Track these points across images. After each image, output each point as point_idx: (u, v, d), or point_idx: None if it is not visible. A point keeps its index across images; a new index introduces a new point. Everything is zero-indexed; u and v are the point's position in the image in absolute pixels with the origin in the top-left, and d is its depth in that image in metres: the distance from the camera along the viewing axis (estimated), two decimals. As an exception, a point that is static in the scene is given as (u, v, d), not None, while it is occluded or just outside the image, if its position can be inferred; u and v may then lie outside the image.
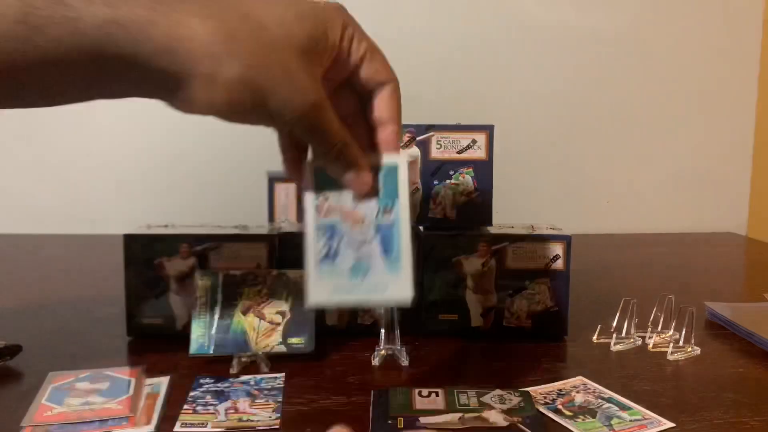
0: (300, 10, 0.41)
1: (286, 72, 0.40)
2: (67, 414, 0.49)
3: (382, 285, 0.46)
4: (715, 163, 1.37)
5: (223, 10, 0.39)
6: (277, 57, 0.39)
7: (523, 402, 0.52)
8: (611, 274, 1.00)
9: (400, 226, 0.47)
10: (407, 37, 1.27)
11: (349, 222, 0.47)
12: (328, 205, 0.47)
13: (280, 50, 0.40)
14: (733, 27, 1.34)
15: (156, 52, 0.38)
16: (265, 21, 0.40)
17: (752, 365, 0.63)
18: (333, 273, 0.46)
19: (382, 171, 0.48)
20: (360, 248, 0.47)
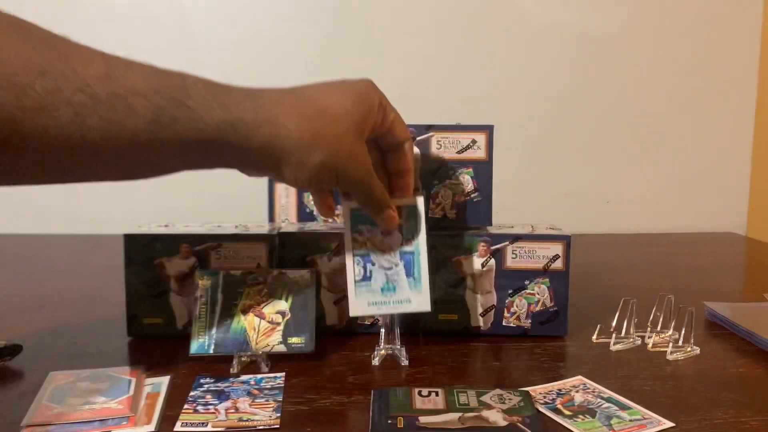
0: (354, 96, 0.53)
1: (351, 153, 0.53)
2: (68, 414, 0.49)
3: (407, 300, 0.60)
4: (715, 163, 1.37)
5: (305, 109, 0.51)
6: (345, 142, 0.52)
7: (523, 402, 0.52)
8: (611, 274, 1.00)
9: (420, 254, 0.61)
10: (407, 38, 1.27)
11: (380, 251, 0.61)
12: (363, 238, 0.61)
13: (346, 135, 0.52)
14: (733, 27, 1.34)
15: (260, 146, 0.49)
16: (335, 113, 0.52)
17: (752, 365, 0.63)
18: (368, 291, 0.60)
19: (406, 210, 0.62)
20: (389, 271, 0.61)
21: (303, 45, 1.25)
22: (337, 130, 0.51)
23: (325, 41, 1.25)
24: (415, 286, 0.60)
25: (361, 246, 0.61)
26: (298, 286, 0.63)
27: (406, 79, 1.25)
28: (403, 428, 0.47)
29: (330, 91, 0.54)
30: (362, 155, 0.54)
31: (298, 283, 0.63)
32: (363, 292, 0.60)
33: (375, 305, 0.60)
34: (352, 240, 0.61)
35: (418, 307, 0.60)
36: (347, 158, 0.52)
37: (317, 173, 0.51)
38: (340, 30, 1.25)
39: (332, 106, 0.52)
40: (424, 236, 0.61)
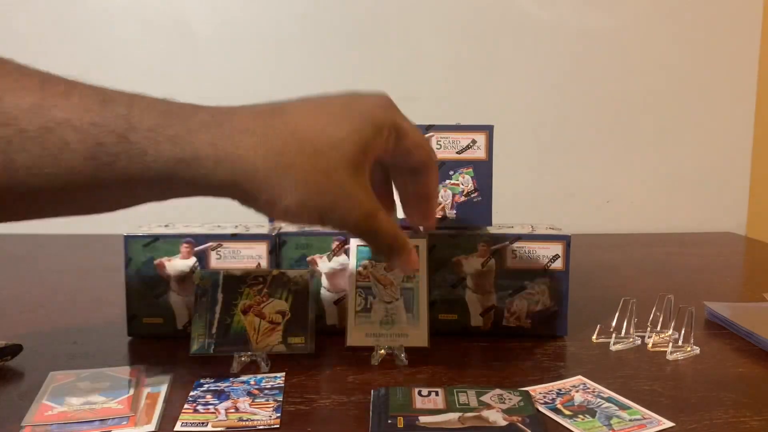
0: (351, 121, 0.44)
1: (341, 192, 0.43)
2: (68, 413, 0.49)
3: (404, 334, 0.62)
4: (715, 163, 1.37)
5: (282, 138, 0.42)
6: (331, 181, 0.43)
7: (523, 401, 0.52)
8: (611, 274, 1.00)
9: (420, 290, 0.63)
10: (407, 37, 1.27)
11: (381, 284, 0.63)
12: (366, 271, 0.63)
13: (333, 172, 0.43)
14: (733, 27, 1.34)
15: (220, 185, 0.43)
16: (320, 145, 0.43)
17: (752, 365, 0.63)
18: (367, 322, 0.62)
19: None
20: (389, 305, 0.63)
21: (303, 45, 1.25)
22: (321, 165, 0.43)
23: (324, 41, 1.25)
24: (413, 322, 0.62)
25: (364, 279, 0.63)
26: (298, 286, 0.63)
27: (406, 79, 1.25)
28: (403, 428, 0.47)
29: (320, 114, 0.45)
30: (359, 196, 0.45)
31: (298, 283, 0.63)
32: (362, 323, 0.62)
33: (373, 337, 0.62)
34: (356, 272, 0.63)
35: (415, 343, 0.62)
36: (335, 200, 0.43)
37: (294, 215, 0.43)
38: (340, 30, 1.25)
39: (318, 136, 0.43)
40: (425, 273, 0.63)
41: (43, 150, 0.39)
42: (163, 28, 1.23)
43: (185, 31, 1.22)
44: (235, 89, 1.24)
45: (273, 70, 1.24)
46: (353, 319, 0.63)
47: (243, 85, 1.24)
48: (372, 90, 0.49)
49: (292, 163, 0.42)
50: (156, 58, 1.22)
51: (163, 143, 0.41)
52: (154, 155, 0.41)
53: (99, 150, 0.40)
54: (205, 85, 1.23)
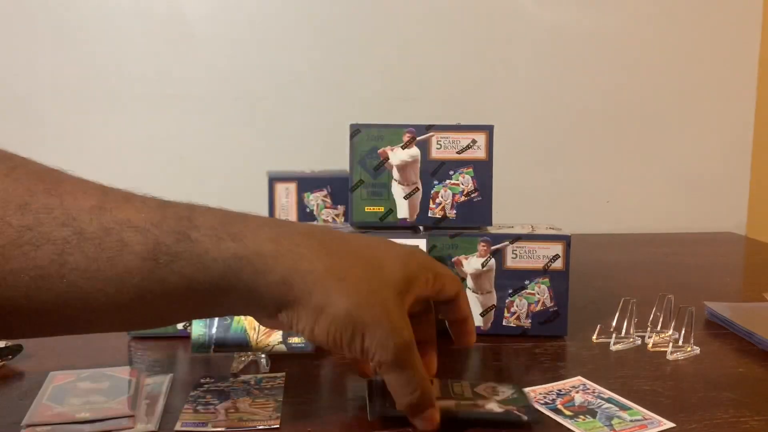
0: (400, 257, 0.46)
1: (385, 312, 0.42)
2: (68, 413, 0.49)
3: None
4: (715, 163, 1.37)
5: (339, 249, 0.43)
6: (379, 297, 0.42)
7: (516, 394, 0.53)
8: (611, 274, 1.00)
9: None
10: (407, 37, 1.27)
11: None
12: None
13: (382, 290, 0.43)
14: (733, 27, 1.34)
15: (275, 282, 0.40)
16: (374, 262, 0.44)
17: (752, 365, 0.63)
18: None
19: None
20: None
21: (302, 45, 1.25)
22: (373, 282, 0.43)
23: (325, 41, 1.25)
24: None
25: None
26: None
27: (407, 78, 1.25)
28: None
29: (374, 242, 0.47)
30: (400, 320, 0.43)
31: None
32: None
33: None
34: None
35: None
36: (380, 317, 0.42)
37: (339, 328, 0.41)
38: (340, 30, 1.25)
39: (373, 257, 0.44)
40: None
41: (100, 251, 0.37)
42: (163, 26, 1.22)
43: (185, 31, 1.22)
44: (235, 89, 1.24)
45: (272, 70, 1.24)
46: None
47: (243, 84, 1.24)
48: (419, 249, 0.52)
49: (347, 271, 0.42)
50: (156, 57, 1.22)
51: (226, 240, 0.40)
52: (215, 254, 0.39)
53: (158, 249, 0.38)
54: (204, 85, 1.23)
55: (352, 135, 0.70)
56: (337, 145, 0.82)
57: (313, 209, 0.83)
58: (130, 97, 1.22)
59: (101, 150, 1.24)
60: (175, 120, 1.23)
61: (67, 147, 1.23)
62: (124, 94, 1.22)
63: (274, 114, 1.24)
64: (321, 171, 0.87)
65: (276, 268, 0.40)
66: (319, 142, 1.19)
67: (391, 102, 1.23)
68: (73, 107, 1.22)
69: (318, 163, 0.91)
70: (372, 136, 0.69)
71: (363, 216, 0.70)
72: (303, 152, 1.22)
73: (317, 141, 1.22)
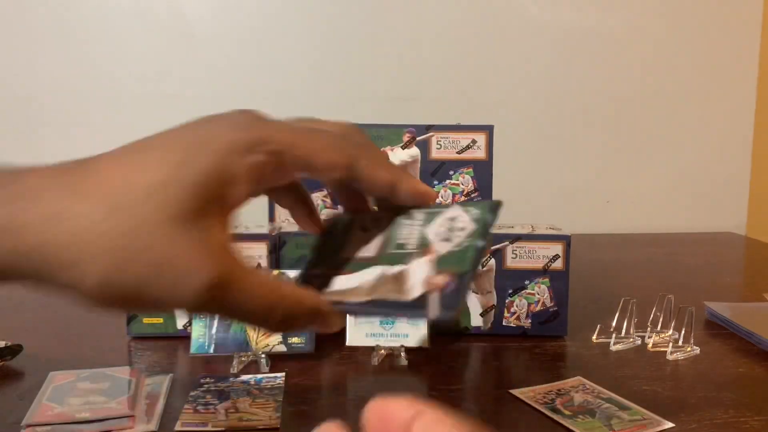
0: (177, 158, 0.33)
1: (160, 258, 0.31)
2: (68, 413, 0.49)
3: (405, 335, 0.62)
4: (715, 163, 1.37)
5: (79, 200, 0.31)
6: (144, 244, 0.31)
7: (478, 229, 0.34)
8: (611, 274, 1.00)
9: None
10: (407, 38, 1.27)
11: None
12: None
13: (147, 232, 0.31)
14: (733, 27, 1.34)
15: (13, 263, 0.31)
16: (128, 198, 0.31)
17: (752, 365, 0.63)
18: (367, 322, 0.62)
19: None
20: None
21: (303, 45, 1.25)
22: (127, 226, 0.31)
23: (324, 41, 1.25)
24: (413, 322, 0.63)
25: None
26: (298, 286, 0.63)
27: (406, 78, 1.25)
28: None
29: (135, 157, 0.34)
30: (194, 258, 0.31)
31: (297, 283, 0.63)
32: (362, 323, 0.63)
33: (373, 337, 0.62)
34: None
35: (415, 342, 0.62)
36: (150, 272, 0.31)
37: (101, 301, 0.31)
38: (340, 30, 1.25)
39: (128, 187, 0.32)
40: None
41: None
42: (163, 26, 1.22)
43: (185, 31, 1.22)
44: (235, 89, 1.24)
45: (273, 70, 1.24)
46: (353, 319, 0.62)
47: (243, 85, 1.24)
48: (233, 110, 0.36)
49: (91, 230, 0.30)
50: (156, 57, 1.22)
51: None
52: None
53: None
54: (204, 85, 1.23)
55: (352, 135, 0.70)
56: (337, 145, 0.82)
57: (313, 209, 0.83)
58: (130, 97, 1.22)
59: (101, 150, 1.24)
60: (175, 120, 1.22)
61: (67, 147, 1.23)
62: (124, 94, 1.22)
63: (274, 114, 1.24)
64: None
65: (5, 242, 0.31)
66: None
67: (391, 102, 1.24)
68: (73, 107, 1.22)
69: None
70: (372, 136, 0.69)
71: (363, 216, 0.70)
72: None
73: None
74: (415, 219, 0.37)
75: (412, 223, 0.37)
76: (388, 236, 0.37)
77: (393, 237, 0.37)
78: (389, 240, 0.37)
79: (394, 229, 0.37)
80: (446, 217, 0.36)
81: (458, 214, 0.36)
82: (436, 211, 0.36)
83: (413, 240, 0.36)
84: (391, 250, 0.36)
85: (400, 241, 0.36)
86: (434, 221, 0.36)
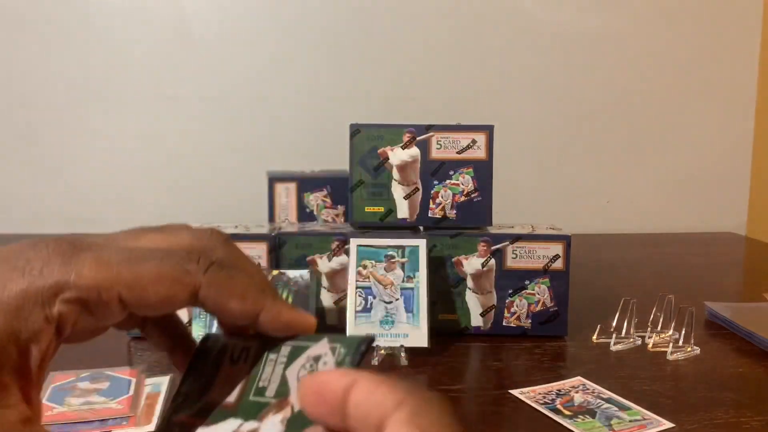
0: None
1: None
2: (68, 414, 0.49)
3: (404, 334, 0.62)
4: (715, 163, 1.37)
5: None
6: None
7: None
8: (611, 274, 1.00)
9: (419, 291, 0.63)
10: (407, 38, 1.27)
11: (381, 285, 0.63)
12: (366, 272, 0.64)
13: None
14: (733, 27, 1.34)
15: None
16: None
17: (752, 365, 0.63)
18: (367, 323, 0.62)
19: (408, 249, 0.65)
20: (388, 305, 0.63)
21: (303, 45, 1.25)
22: None
23: (324, 41, 1.25)
24: (413, 321, 0.62)
25: (364, 279, 0.64)
26: (298, 286, 0.63)
27: (407, 78, 1.25)
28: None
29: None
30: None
31: (298, 283, 0.63)
32: (362, 323, 0.63)
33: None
34: (356, 272, 0.64)
35: (415, 342, 0.62)
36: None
37: None
38: (340, 30, 1.25)
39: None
40: (424, 273, 0.64)
41: None
42: (163, 26, 1.23)
43: (186, 31, 1.22)
44: (235, 89, 1.24)
45: (272, 70, 1.24)
46: (353, 319, 0.62)
47: (243, 85, 1.24)
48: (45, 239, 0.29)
49: None
50: (155, 58, 1.22)
51: None
52: None
53: None
54: (204, 85, 1.23)
55: (352, 135, 0.70)
56: (337, 145, 0.82)
57: (313, 209, 0.83)
58: (130, 98, 1.22)
59: (101, 150, 1.24)
60: (175, 120, 1.23)
61: (68, 147, 1.23)
62: (124, 94, 1.22)
63: (274, 114, 1.24)
64: (321, 171, 0.87)
65: None
66: (319, 142, 1.19)
67: (391, 102, 1.24)
68: (74, 107, 1.22)
69: (318, 163, 0.91)
70: (372, 136, 0.69)
71: (363, 216, 0.70)
72: (303, 152, 1.22)
73: (317, 141, 1.21)
74: (280, 354, 0.31)
75: (276, 359, 0.31)
76: (251, 376, 0.31)
77: (255, 378, 0.31)
78: (251, 381, 0.31)
79: (259, 366, 0.31)
80: (310, 356, 0.30)
81: (324, 352, 0.30)
82: (303, 345, 0.31)
83: (273, 385, 0.30)
84: (251, 396, 0.30)
85: (261, 384, 0.30)
86: (297, 359, 0.30)
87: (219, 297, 0.28)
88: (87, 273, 0.27)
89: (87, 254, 0.28)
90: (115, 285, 0.27)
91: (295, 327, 0.30)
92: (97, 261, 0.27)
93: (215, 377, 0.32)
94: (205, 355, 0.32)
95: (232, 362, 0.32)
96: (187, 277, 0.28)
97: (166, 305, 0.28)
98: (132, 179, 1.25)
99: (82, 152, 1.24)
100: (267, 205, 0.83)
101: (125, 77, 1.21)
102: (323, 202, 0.83)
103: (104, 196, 1.24)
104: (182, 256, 0.28)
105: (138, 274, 0.27)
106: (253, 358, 0.31)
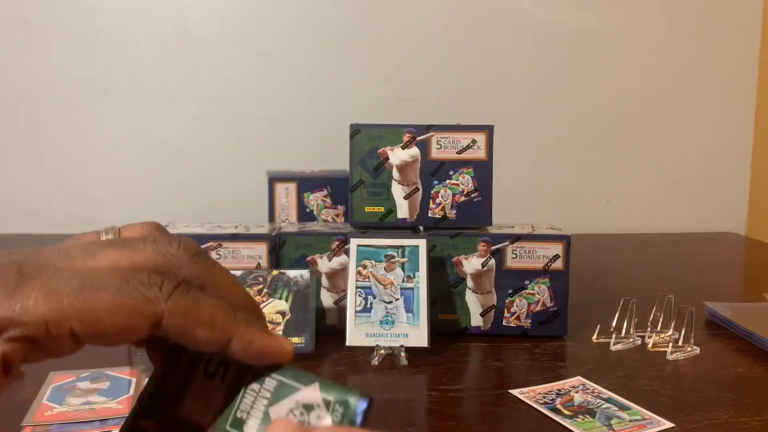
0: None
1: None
2: (68, 413, 0.49)
3: (404, 334, 0.62)
4: (715, 163, 1.37)
5: None
6: None
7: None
8: (611, 274, 1.00)
9: (419, 291, 0.63)
10: (407, 38, 1.27)
11: (381, 285, 0.63)
12: (366, 272, 0.64)
13: None
14: (733, 27, 1.34)
15: None
16: None
17: (752, 365, 0.63)
18: (367, 323, 0.62)
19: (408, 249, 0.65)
20: (388, 305, 0.63)
21: (303, 45, 1.25)
22: None
23: (325, 41, 1.25)
24: (413, 321, 0.62)
25: (364, 279, 0.64)
26: (298, 286, 0.63)
27: (406, 78, 1.25)
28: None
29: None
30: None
31: (298, 283, 0.63)
32: (362, 323, 0.63)
33: (373, 337, 0.62)
34: (356, 272, 0.64)
35: (415, 342, 0.62)
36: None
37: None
38: (340, 30, 1.25)
39: None
40: (424, 273, 0.64)
41: None
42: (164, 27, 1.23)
43: (186, 31, 1.22)
44: (235, 89, 1.24)
45: (273, 70, 1.24)
46: (353, 319, 0.63)
47: (243, 85, 1.24)
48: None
49: None
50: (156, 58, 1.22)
51: None
52: None
53: None
54: (204, 85, 1.23)
55: (352, 135, 0.70)
56: (337, 145, 0.82)
57: (313, 209, 0.83)
58: (130, 97, 1.22)
59: (101, 150, 1.24)
60: (175, 120, 1.23)
61: (68, 147, 1.23)
62: (124, 94, 1.22)
63: (274, 114, 1.24)
64: (321, 171, 0.87)
65: None
66: (319, 142, 1.19)
67: (391, 102, 1.24)
68: (74, 107, 1.22)
69: (318, 163, 0.91)
70: (372, 136, 0.69)
71: (363, 216, 0.70)
72: (303, 152, 1.22)
73: (317, 141, 1.22)
74: (263, 386, 0.28)
75: (258, 390, 0.28)
76: (229, 401, 0.28)
77: (233, 405, 0.28)
78: (229, 408, 0.28)
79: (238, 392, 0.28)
80: (299, 401, 0.28)
81: (316, 402, 0.28)
82: (291, 385, 0.28)
83: (254, 420, 0.28)
84: (227, 426, 0.28)
85: (239, 415, 0.28)
86: (283, 400, 0.28)
87: (184, 326, 0.26)
88: (33, 307, 0.24)
89: (34, 283, 0.25)
90: (65, 319, 0.24)
91: (270, 356, 0.28)
92: (46, 292, 0.25)
93: (187, 387, 0.29)
94: (179, 355, 0.30)
95: (207, 375, 0.29)
96: (148, 305, 0.25)
97: (125, 337, 0.25)
98: (132, 179, 1.25)
99: (83, 152, 1.24)
100: (267, 205, 0.83)
101: (125, 77, 1.21)
102: (323, 202, 0.83)
103: (104, 196, 1.24)
104: (142, 282, 0.26)
105: (91, 306, 0.25)
106: (231, 380, 0.29)
